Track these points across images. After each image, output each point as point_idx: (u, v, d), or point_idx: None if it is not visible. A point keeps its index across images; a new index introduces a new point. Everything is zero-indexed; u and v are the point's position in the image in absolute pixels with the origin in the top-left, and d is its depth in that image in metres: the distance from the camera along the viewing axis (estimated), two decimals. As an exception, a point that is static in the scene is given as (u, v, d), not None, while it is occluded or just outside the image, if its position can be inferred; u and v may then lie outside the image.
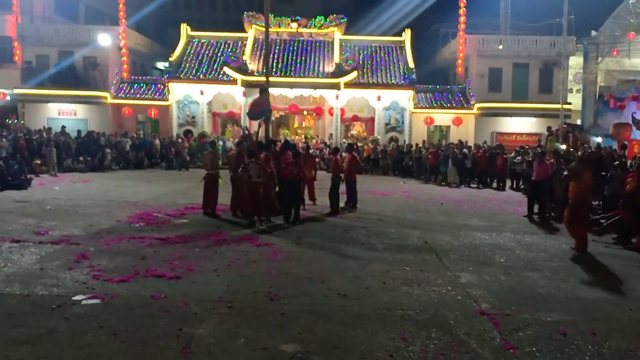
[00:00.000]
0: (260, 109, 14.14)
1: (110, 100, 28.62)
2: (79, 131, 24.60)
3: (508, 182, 20.77)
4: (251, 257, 8.48)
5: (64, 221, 10.94)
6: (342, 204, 13.87)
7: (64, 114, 28.95)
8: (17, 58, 30.39)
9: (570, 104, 28.56)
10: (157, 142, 25.96)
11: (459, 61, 31.08)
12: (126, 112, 28.03)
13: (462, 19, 30.51)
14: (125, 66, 30.46)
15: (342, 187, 13.92)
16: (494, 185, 20.81)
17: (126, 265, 7.77)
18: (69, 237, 9.43)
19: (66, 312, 5.84)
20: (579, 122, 31.79)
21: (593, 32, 33.74)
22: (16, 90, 28.52)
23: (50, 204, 13.24)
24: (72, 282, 6.91)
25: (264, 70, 18.30)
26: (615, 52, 32.17)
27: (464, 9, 30.45)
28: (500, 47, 30.82)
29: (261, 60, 27.54)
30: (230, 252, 8.81)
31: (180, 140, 26.39)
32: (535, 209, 13.73)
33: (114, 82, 29.42)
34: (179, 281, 7.09)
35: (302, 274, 7.64)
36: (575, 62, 33.19)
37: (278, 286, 6.95)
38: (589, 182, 9.90)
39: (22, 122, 28.22)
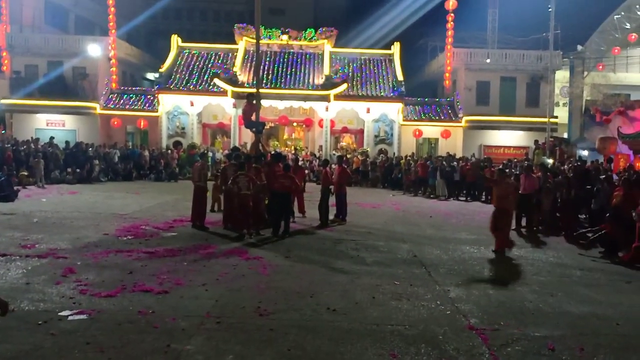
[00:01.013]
0: (252, 117, 14.12)
1: (99, 111, 28.52)
2: (67, 142, 24.42)
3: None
4: (240, 271, 8.44)
5: (50, 234, 10.83)
6: (331, 217, 13.88)
7: (53, 124, 28.78)
8: (5, 68, 30.21)
9: (556, 117, 28.92)
10: (146, 153, 25.84)
11: (447, 74, 31.41)
12: (115, 123, 27.92)
13: (449, 32, 30.89)
14: (114, 77, 30.42)
15: (332, 200, 13.94)
16: (482, 198, 20.92)
17: (113, 279, 7.70)
18: (56, 251, 9.33)
19: (52, 327, 5.77)
20: (565, 135, 32.16)
21: (579, 47, 34.28)
22: (4, 101, 28.33)
23: (37, 216, 13.11)
24: (59, 297, 6.83)
25: (254, 82, 18.35)
26: (600, 67, 32.71)
27: (452, 22, 30.84)
28: (488, 60, 31.19)
29: (251, 72, 27.64)
30: (219, 265, 8.77)
31: (169, 151, 26.30)
32: (524, 222, 13.82)
33: (104, 92, 29.34)
34: (167, 296, 7.03)
35: (291, 288, 7.61)
36: (562, 76, 33.68)
37: (267, 301, 6.92)
38: (508, 191, 10.69)
39: (10, 132, 27.99)
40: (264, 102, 25.81)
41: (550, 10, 24.57)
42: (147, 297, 6.97)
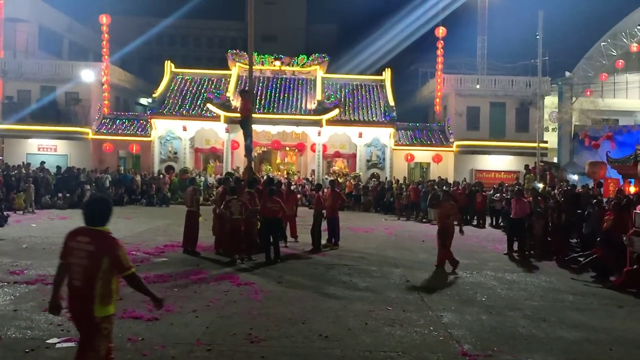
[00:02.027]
0: (248, 113, 14.17)
1: (91, 136, 28.49)
2: (58, 167, 24.33)
3: (488, 219, 20.96)
4: (231, 297, 8.37)
5: (40, 260, 10.71)
6: (324, 241, 13.84)
7: (44, 149, 28.71)
8: (-3, 93, 30.23)
9: (546, 142, 29.23)
10: (138, 178, 25.76)
11: (438, 100, 31.79)
12: (107, 147, 27.89)
13: (440, 59, 31.38)
14: (106, 102, 30.48)
15: (325, 224, 13.92)
16: (474, 222, 20.97)
17: (103, 306, 7.58)
18: (45, 277, 9.21)
19: (40, 355, 5.68)
20: (555, 160, 32.46)
21: (567, 73, 34.88)
22: (-4, 126, 28.27)
23: (26, 242, 12.98)
24: (47, 324, 6.73)
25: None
26: (588, 92, 33.22)
27: (442, 49, 31.33)
28: (478, 86, 31.63)
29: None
30: (210, 291, 8.69)
31: (161, 176, 26.25)
32: (515, 246, 13.84)
33: (96, 117, 29.37)
34: (156, 323, 6.94)
35: (283, 314, 7.55)
36: (551, 101, 34.15)
37: (258, 327, 6.85)
38: (449, 211, 11.58)
39: (1, 157, 27.85)
40: (257, 127, 25.98)
41: (537, 37, 25.03)
42: (137, 324, 6.88)
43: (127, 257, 4.22)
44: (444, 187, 22.12)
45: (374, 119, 29.29)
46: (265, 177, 20.26)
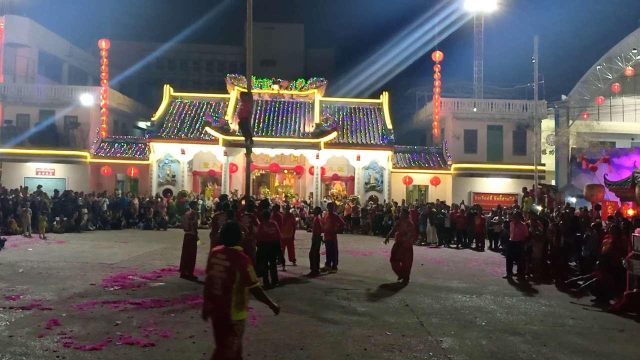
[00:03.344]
0: (247, 115, 14.18)
1: (89, 160, 28.53)
2: (56, 191, 24.28)
3: (487, 242, 20.90)
4: (229, 322, 8.27)
5: (36, 285, 10.63)
6: (322, 265, 13.76)
7: (42, 173, 28.74)
8: (-4, 117, 30.35)
9: (544, 165, 29.32)
10: (136, 201, 25.70)
11: (435, 123, 31.99)
12: (105, 171, 27.91)
13: (437, 83, 31.69)
14: (104, 125, 30.60)
15: (323, 248, 13.86)
16: (473, 245, 20.91)
17: (99, 331, 7.52)
18: (41, 302, 9.14)
19: (34, 383, 5.59)
20: (553, 182, 32.53)
21: (563, 97, 35.19)
22: (-6, 150, 28.32)
23: (23, 266, 12.88)
24: (42, 351, 6.65)
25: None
26: (585, 116, 33.46)
27: (439, 73, 31.65)
28: (475, 109, 31.85)
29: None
30: (208, 316, 8.60)
31: (159, 199, 26.21)
32: (515, 269, 13.78)
33: (95, 141, 29.44)
34: (153, 349, 6.87)
35: (280, 339, 7.47)
36: (547, 124, 34.36)
37: (256, 353, 6.77)
38: (407, 228, 12.73)
39: (-1, 181, 27.85)
40: (256, 150, 26.01)
41: (533, 61, 25.34)
42: (133, 350, 6.80)
43: (254, 273, 5.09)
44: (404, 206, 22.40)
45: (372, 141, 29.41)
46: (260, 201, 20.27)
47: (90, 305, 9.02)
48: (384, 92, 32.41)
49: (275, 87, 31.19)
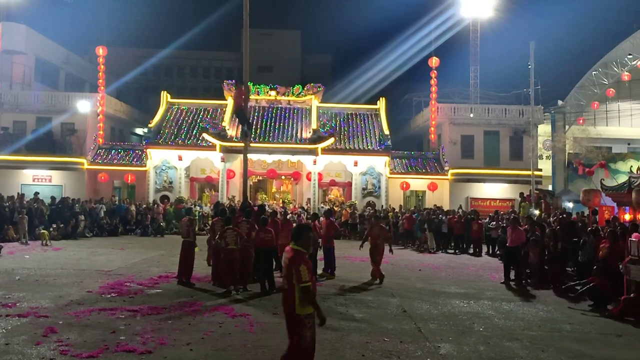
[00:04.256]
0: (241, 103, 14.20)
1: (86, 166, 28.48)
2: (52, 197, 24.21)
3: (484, 248, 20.91)
4: (226, 329, 8.26)
5: (32, 292, 10.58)
6: (320, 271, 13.74)
7: (39, 180, 28.64)
8: (-7, 124, 30.29)
9: (540, 170, 29.41)
10: (133, 208, 25.63)
11: (432, 128, 32.08)
12: (102, 178, 27.85)
13: (433, 88, 31.79)
14: (101, 132, 30.56)
15: (320, 254, 13.84)
16: (471, 250, 20.91)
17: (96, 339, 7.49)
18: (38, 310, 9.10)
19: (30, 392, 5.56)
20: (550, 187, 32.61)
21: (559, 102, 35.33)
22: (-10, 157, 28.23)
23: (19, 273, 12.83)
24: (39, 359, 6.62)
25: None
26: (581, 121, 33.59)
27: (435, 79, 31.75)
28: (471, 115, 31.96)
29: (240, 127, 27.89)
30: (205, 323, 8.58)
31: (155, 205, 26.15)
32: (512, 275, 13.78)
33: (92, 147, 29.41)
34: (150, 356, 6.84)
35: (278, 346, 7.41)
36: (544, 130, 34.48)
37: (254, 360, 6.75)
38: (379, 232, 13.64)
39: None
40: (253, 156, 26.09)
41: (529, 67, 25.44)
42: (130, 357, 6.78)
43: (306, 272, 5.28)
44: (375, 211, 22.48)
45: (369, 147, 29.44)
46: (257, 207, 20.27)
47: (87, 313, 8.99)
48: (380, 98, 32.47)
49: (273, 93, 31.23)
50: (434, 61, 31.74)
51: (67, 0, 39.62)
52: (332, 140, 27.64)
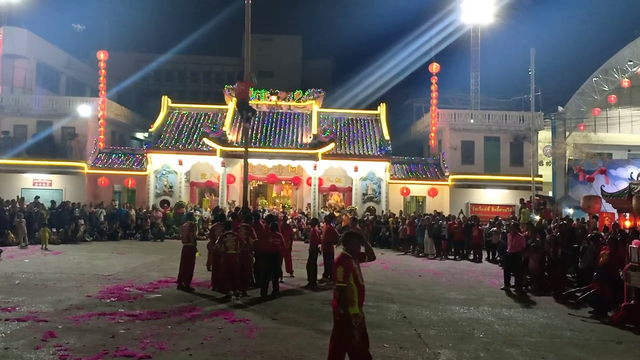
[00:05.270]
0: (245, 96, 14.30)
1: (87, 170, 28.49)
2: (52, 202, 24.22)
3: (484, 254, 20.87)
4: (226, 334, 8.24)
5: (32, 296, 10.57)
6: (320, 276, 13.72)
7: (39, 184, 28.65)
8: (-6, 128, 30.32)
9: (541, 176, 29.37)
10: (133, 212, 25.62)
11: (433, 134, 32.10)
12: (102, 182, 27.86)
13: (434, 94, 31.83)
14: (102, 136, 30.58)
15: (320, 259, 13.83)
16: (471, 256, 20.87)
17: (95, 344, 7.47)
18: (37, 314, 9.09)
19: (29, 397, 5.54)
20: (550, 194, 32.59)
21: (560, 108, 35.34)
22: (-10, 160, 28.24)
23: (19, 278, 12.82)
24: (37, 364, 6.60)
25: (243, 141, 18.52)
26: (582, 127, 33.60)
27: (436, 85, 31.80)
28: (472, 121, 31.97)
29: (240, 131, 27.97)
30: (204, 328, 8.57)
31: (155, 210, 26.14)
32: (512, 281, 13.76)
33: (92, 152, 29.43)
34: (149, 361, 6.82)
35: (278, 352, 7.43)
36: (544, 136, 34.48)
37: (253, 366, 6.73)
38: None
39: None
40: (253, 161, 26.13)
41: (530, 73, 25.48)
42: (129, 362, 6.75)
43: (342, 274, 5.64)
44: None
45: (369, 152, 29.45)
46: (265, 214, 20.37)
47: (86, 317, 8.98)
48: (381, 104, 32.51)
49: (273, 98, 31.27)
50: (435, 67, 31.79)
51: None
52: (332, 145, 27.66)
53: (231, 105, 30.43)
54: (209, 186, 30.03)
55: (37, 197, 23.89)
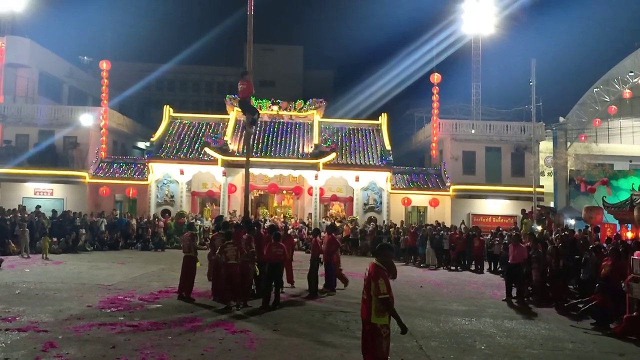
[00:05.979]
0: (247, 95, 14.33)
1: (88, 180, 28.51)
2: (54, 211, 24.23)
3: (486, 264, 20.81)
4: (226, 345, 8.21)
5: (33, 306, 10.55)
6: (321, 286, 13.68)
7: (41, 193, 28.69)
8: (-4, 137, 30.39)
9: (542, 186, 29.37)
10: (134, 222, 25.60)
11: (434, 144, 32.13)
12: (104, 191, 27.87)
13: (435, 104, 31.89)
14: (103, 146, 30.65)
15: (322, 269, 13.80)
16: (472, 267, 20.81)
17: (95, 354, 7.45)
18: (37, 324, 9.06)
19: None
20: (551, 204, 32.53)
21: (561, 119, 35.36)
22: (-8, 170, 28.28)
23: (19, 287, 12.80)
24: (37, 375, 6.57)
25: (245, 151, 18.55)
26: (583, 138, 33.60)
27: (437, 95, 31.89)
28: (473, 131, 32.01)
29: (242, 141, 28.03)
30: (205, 339, 8.54)
31: (156, 219, 26.13)
32: (514, 292, 13.70)
33: (94, 161, 29.48)
34: (150, 373, 6.79)
35: (279, 363, 7.39)
36: (545, 146, 34.49)
37: (254, 377, 6.70)
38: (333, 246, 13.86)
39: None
40: (254, 170, 26.14)
41: (531, 83, 25.55)
42: (130, 374, 6.72)
43: (384, 285, 5.75)
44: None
45: (370, 162, 29.47)
46: (268, 224, 20.38)
47: (86, 327, 8.95)
48: (382, 114, 32.59)
49: (275, 107, 31.35)
50: (436, 77, 31.89)
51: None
52: (333, 155, 27.69)
53: (233, 114, 30.52)
54: (210, 196, 30.04)
55: (38, 207, 23.88)
